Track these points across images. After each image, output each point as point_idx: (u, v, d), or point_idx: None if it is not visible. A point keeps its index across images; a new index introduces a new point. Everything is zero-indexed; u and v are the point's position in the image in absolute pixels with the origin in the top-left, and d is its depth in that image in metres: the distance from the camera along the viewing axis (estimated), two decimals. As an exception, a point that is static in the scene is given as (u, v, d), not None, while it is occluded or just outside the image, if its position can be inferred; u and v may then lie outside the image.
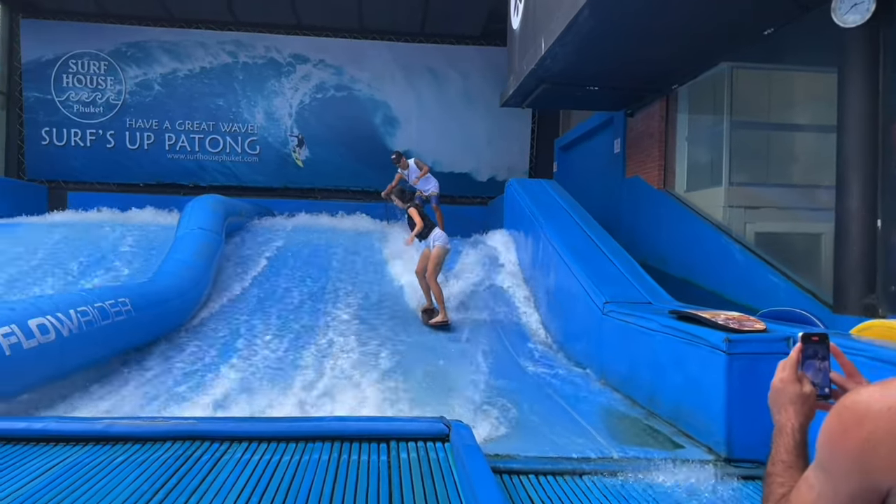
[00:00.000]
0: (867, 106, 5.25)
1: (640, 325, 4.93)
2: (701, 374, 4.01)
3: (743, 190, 7.95)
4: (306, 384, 5.27)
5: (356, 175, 14.88)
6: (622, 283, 6.14)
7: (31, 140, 14.32)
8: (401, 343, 6.68)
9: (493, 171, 15.23)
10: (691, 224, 8.28)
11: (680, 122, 9.07)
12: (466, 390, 5.32)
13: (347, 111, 14.88)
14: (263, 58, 14.74)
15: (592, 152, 12.22)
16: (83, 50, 14.36)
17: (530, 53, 8.36)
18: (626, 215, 10.15)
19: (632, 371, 5.12)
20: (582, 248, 6.98)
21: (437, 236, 7.67)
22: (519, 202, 9.27)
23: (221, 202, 9.49)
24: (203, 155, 14.73)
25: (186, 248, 7.55)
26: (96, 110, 14.46)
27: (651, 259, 8.84)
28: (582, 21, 6.47)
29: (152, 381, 5.31)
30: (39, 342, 4.14)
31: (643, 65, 7.93)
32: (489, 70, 14.67)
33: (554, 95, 9.34)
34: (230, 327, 6.87)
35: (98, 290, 5.40)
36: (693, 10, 6.18)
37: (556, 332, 6.99)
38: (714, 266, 7.66)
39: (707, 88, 8.53)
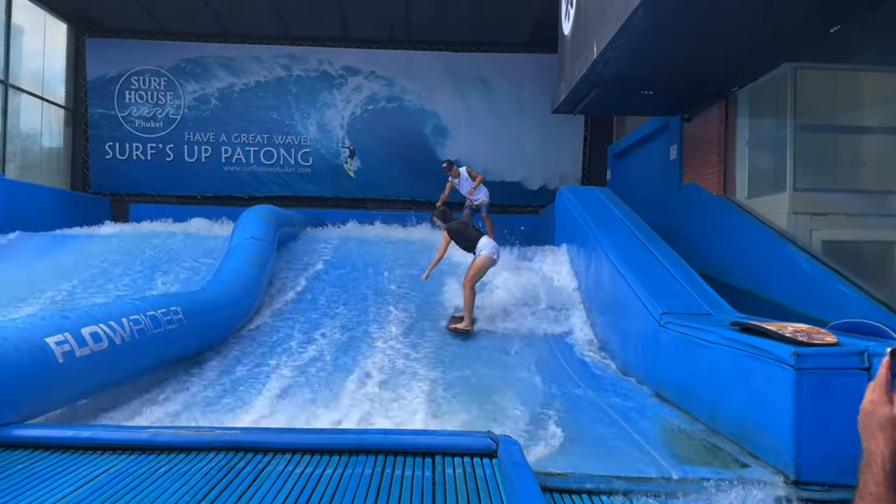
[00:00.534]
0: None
1: (700, 337, 4.69)
2: (767, 389, 3.76)
3: (809, 196, 7.57)
4: (352, 396, 5.20)
5: (407, 185, 14.91)
6: (680, 294, 5.88)
7: (96, 154, 14.85)
8: (448, 355, 6.56)
9: (544, 180, 15.03)
10: (753, 232, 7.93)
11: (740, 127, 8.72)
12: (515, 404, 5.17)
13: (398, 121, 14.95)
14: (316, 71, 14.95)
15: (647, 159, 11.91)
16: (144, 67, 14.84)
17: (582, 58, 8.18)
18: (683, 223, 9.82)
19: (690, 385, 4.88)
20: (637, 258, 6.75)
21: (485, 245, 7.54)
22: (571, 211, 9.07)
23: (273, 212, 9.60)
24: (258, 167, 15.01)
25: (239, 257, 7.63)
26: (156, 125, 14.90)
27: (710, 269, 8.50)
28: (636, 22, 6.27)
29: (200, 389, 5.34)
30: (92, 350, 4.18)
31: (700, 67, 7.66)
32: (540, 77, 14.50)
33: (607, 101, 9.13)
34: (279, 336, 6.89)
35: (151, 299, 5.47)
36: (754, 10, 5.92)
37: (610, 344, 6.76)
38: (778, 276, 7.30)
39: (769, 91, 8.18)
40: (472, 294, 7.34)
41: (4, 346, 3.55)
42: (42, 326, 3.96)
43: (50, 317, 4.19)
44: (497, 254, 7.63)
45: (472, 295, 7.35)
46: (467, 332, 7.17)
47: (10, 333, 3.70)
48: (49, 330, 3.95)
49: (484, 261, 7.46)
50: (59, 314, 4.29)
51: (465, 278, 7.49)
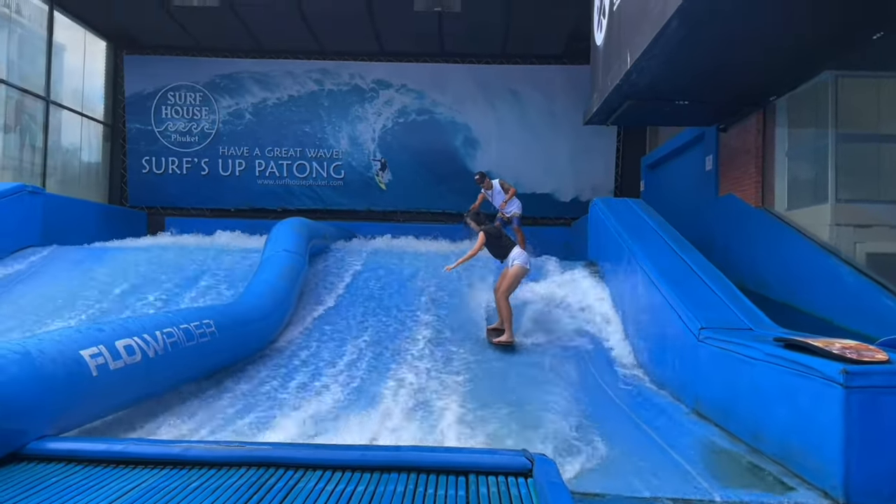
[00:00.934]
0: None
1: (741, 353, 4.54)
2: (814, 408, 3.61)
3: (852, 207, 7.35)
4: (384, 411, 5.15)
5: (437, 197, 14.89)
6: (719, 308, 5.73)
7: (133, 169, 15.14)
8: (481, 370, 6.47)
9: (576, 192, 14.89)
10: (794, 244, 7.71)
11: (779, 137, 8.52)
12: (550, 421, 5.06)
13: (429, 134, 14.97)
14: (348, 84, 15.07)
15: (682, 170, 11.72)
16: (180, 83, 15.12)
17: (615, 69, 8.08)
18: (719, 235, 9.61)
19: (731, 403, 4.72)
20: (674, 270, 6.60)
21: (517, 255, 7.46)
22: (604, 222, 8.93)
23: (305, 225, 9.64)
24: (291, 180, 15.14)
25: (271, 269, 7.65)
26: (192, 139, 15.15)
27: (749, 282, 8.29)
28: (671, 32, 6.17)
29: (228, 403, 5.33)
30: (126, 363, 4.20)
31: (737, 76, 7.51)
32: (571, 89, 14.40)
33: (640, 111, 9.00)
34: (310, 350, 6.87)
35: (184, 312, 5.50)
36: (792, 17, 5.78)
37: (646, 360, 6.60)
38: (821, 289, 7.08)
39: (808, 99, 7.98)
40: (508, 305, 7.28)
41: (41, 358, 3.58)
42: (77, 339, 3.99)
43: (85, 329, 4.22)
44: (529, 263, 7.55)
45: (509, 306, 7.29)
46: (510, 345, 7.10)
47: (47, 346, 3.73)
48: (84, 342, 3.98)
49: (517, 271, 7.37)
50: (94, 327, 4.33)
51: (499, 290, 7.40)
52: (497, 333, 7.32)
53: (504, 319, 7.25)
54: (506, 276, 7.40)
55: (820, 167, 7.72)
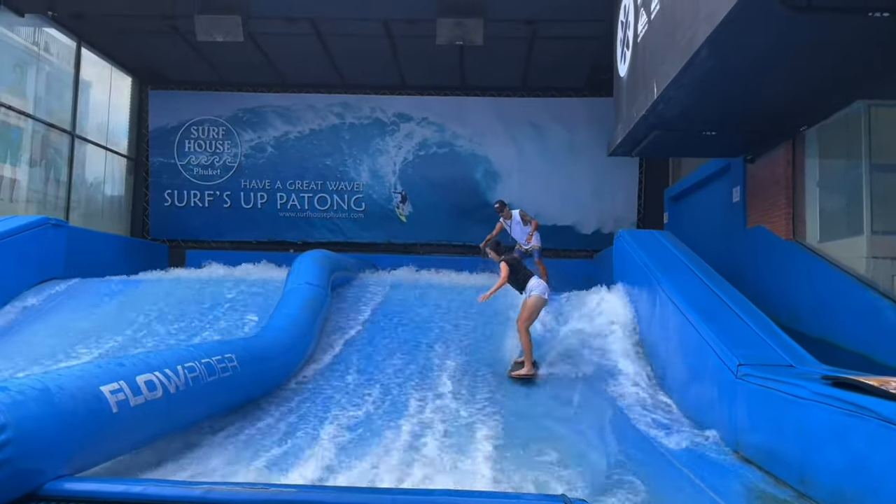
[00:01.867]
0: None
1: (786, 391, 4.33)
2: (870, 452, 3.39)
3: (889, 239, 7.12)
4: (409, 451, 4.95)
5: (457, 230, 14.80)
6: (756, 343, 5.52)
7: (155, 202, 15.24)
8: (508, 410, 6.27)
9: (598, 224, 14.73)
10: (828, 277, 7.48)
11: (809, 167, 8.34)
12: (583, 462, 4.86)
13: (449, 167, 14.95)
14: (369, 118, 15.14)
15: (707, 202, 11.53)
16: (204, 117, 15.28)
17: (640, 99, 7.99)
18: (749, 269, 9.38)
19: (776, 444, 4.49)
20: (706, 304, 6.40)
21: (535, 286, 7.42)
22: (630, 254, 8.75)
23: (327, 257, 9.57)
24: (312, 212, 15.16)
25: (293, 302, 7.56)
26: (214, 172, 15.24)
27: (781, 316, 8.03)
28: (699, 62, 6.07)
29: (247, 442, 5.17)
30: (147, 399, 4.09)
31: (766, 106, 7.37)
32: (593, 121, 14.35)
33: (666, 142, 8.88)
34: (332, 386, 6.71)
35: (205, 345, 5.39)
36: (824, 47, 5.66)
37: (680, 398, 6.37)
38: (858, 324, 6.83)
39: (840, 129, 7.82)
40: (528, 337, 7.19)
41: (60, 395, 3.47)
42: (97, 374, 3.88)
43: (105, 364, 4.12)
44: (547, 294, 7.51)
45: (529, 337, 7.20)
46: (531, 377, 6.99)
47: (67, 382, 3.63)
48: (104, 378, 3.88)
49: (536, 301, 7.34)
50: (115, 361, 4.23)
51: (519, 321, 7.33)
52: (519, 366, 7.19)
53: (524, 351, 7.15)
54: (525, 307, 7.35)
55: (853, 198, 7.52)
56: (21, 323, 8.49)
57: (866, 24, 5.10)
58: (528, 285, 7.45)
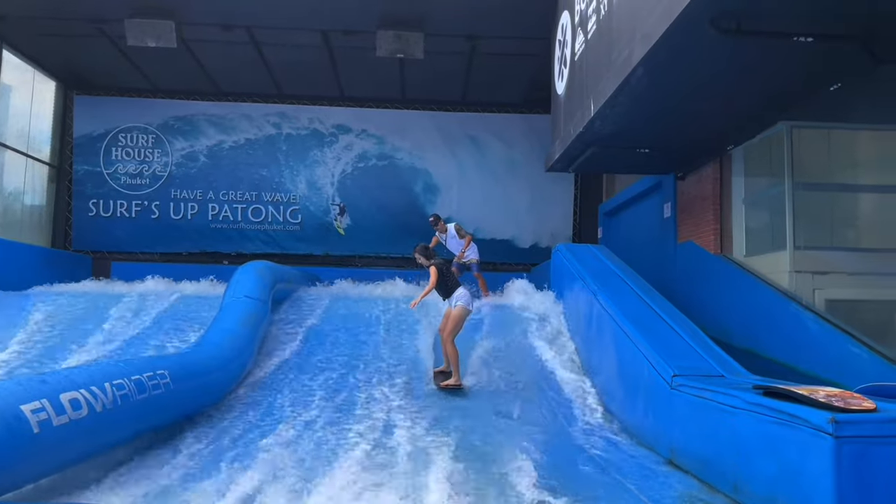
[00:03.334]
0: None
1: (720, 401, 4.45)
2: (801, 460, 3.52)
3: (810, 254, 7.48)
4: (347, 474, 4.83)
5: (397, 242, 14.72)
6: (690, 355, 5.68)
7: (79, 211, 14.57)
8: (446, 418, 6.24)
9: (535, 238, 14.94)
10: (754, 291, 7.79)
11: (735, 185, 8.70)
12: (522, 475, 4.86)
13: (389, 179, 14.90)
14: (307, 129, 14.94)
15: (640, 217, 11.87)
16: (132, 124, 14.74)
17: (578, 116, 8.17)
18: (679, 282, 9.67)
19: (710, 454, 4.62)
20: (641, 317, 6.56)
21: (460, 296, 7.33)
22: (568, 268, 8.91)
23: (270, 269, 9.30)
24: (246, 224, 14.80)
25: (231, 317, 7.31)
26: (143, 182, 14.71)
27: (710, 328, 8.28)
28: (635, 81, 6.26)
29: (178, 463, 4.95)
30: (70, 419, 3.86)
31: (697, 125, 7.65)
32: (531, 136, 14.61)
33: (602, 159, 9.10)
34: (267, 402, 6.51)
35: (136, 361, 5.15)
36: (755, 69, 5.92)
37: (617, 409, 6.48)
38: (784, 336, 7.12)
39: (764, 149, 8.19)
40: (454, 348, 7.14)
41: (-25, 415, 3.24)
42: (18, 393, 3.65)
43: (27, 381, 3.87)
44: (472, 305, 7.44)
45: (455, 349, 7.15)
46: (458, 388, 6.96)
47: (-17, 401, 3.38)
48: (25, 396, 3.64)
49: (461, 312, 7.26)
50: (37, 378, 3.98)
51: (444, 332, 7.26)
52: (444, 376, 7.16)
53: (451, 362, 7.09)
54: (450, 318, 7.27)
55: (777, 215, 7.87)
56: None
57: (791, 49, 5.36)
58: (454, 294, 7.36)
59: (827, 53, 5.43)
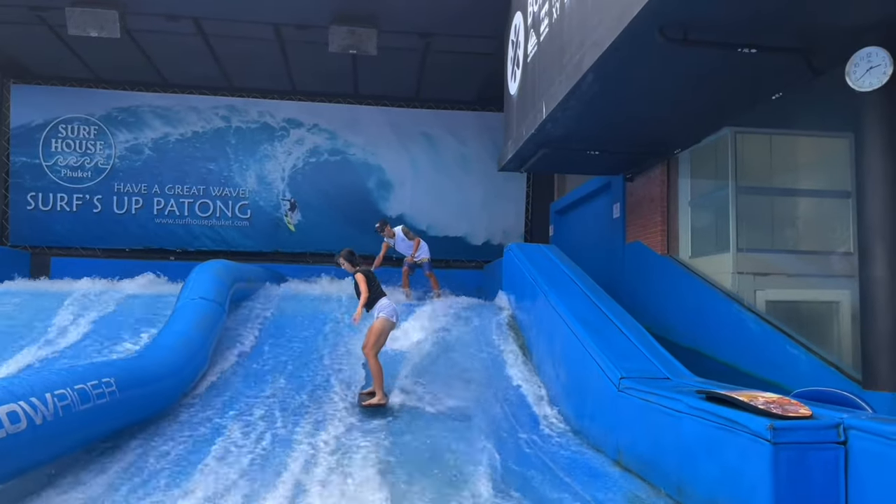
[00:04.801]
0: (889, 169, 5.07)
1: (665, 405, 4.58)
2: (741, 464, 3.65)
3: (752, 256, 7.74)
4: (299, 479, 4.80)
5: (349, 239, 14.40)
6: (637, 357, 5.81)
7: (16, 205, 14.01)
8: (398, 423, 6.24)
9: (488, 235, 15.02)
10: (699, 291, 8.02)
11: (682, 187, 8.92)
12: (469, 476, 4.91)
13: (341, 175, 14.74)
14: (257, 122, 14.65)
15: (590, 216, 12.07)
16: (73, 115, 14.22)
17: (530, 118, 8.24)
18: (627, 281, 9.89)
19: (654, 455, 4.74)
20: (590, 318, 6.68)
21: (383, 307, 6.85)
22: (519, 268, 9.00)
23: (227, 268, 9.02)
24: (192, 219, 14.46)
25: (184, 319, 7.08)
26: (84, 175, 14.22)
27: (656, 327, 8.53)
28: (586, 87, 6.35)
29: (121, 471, 4.83)
30: (8, 433, 3.72)
31: (646, 129, 7.83)
32: (484, 134, 14.66)
33: (553, 160, 9.21)
34: (217, 408, 6.39)
35: (79, 369, 4.97)
36: (701, 77, 6.08)
37: (567, 410, 6.59)
38: (726, 336, 7.35)
39: (709, 153, 8.42)
40: (377, 363, 6.69)
41: None
42: (-50, 407, 3.49)
43: (-39, 395, 3.71)
44: (396, 316, 6.97)
45: (378, 363, 6.69)
46: (382, 406, 6.52)
47: (-88, 418, 3.23)
48: (-41, 411, 3.49)
49: (383, 324, 6.78)
50: (-28, 391, 3.82)
51: (365, 347, 6.79)
52: (370, 395, 6.69)
53: (374, 378, 6.68)
54: (371, 331, 6.78)
55: (721, 217, 8.11)
56: None
57: (736, 59, 5.53)
58: (377, 305, 6.87)
59: (769, 64, 5.62)
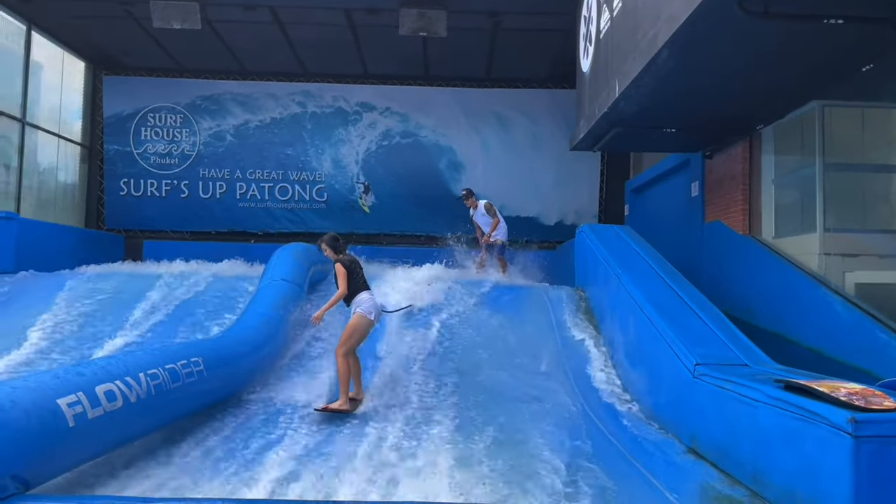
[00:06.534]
0: None
1: (741, 393, 4.44)
2: (820, 457, 3.51)
3: (840, 236, 7.35)
4: (370, 460, 4.95)
5: (421, 220, 14.79)
6: (713, 342, 5.64)
7: (111, 191, 14.86)
8: (472, 402, 6.32)
9: (560, 215, 14.85)
10: (783, 273, 7.69)
11: (765, 164, 8.55)
12: (544, 462, 4.93)
13: (413, 157, 14.89)
14: (331, 107, 14.96)
15: (667, 195, 11.73)
16: (161, 104, 14.91)
17: (602, 96, 8.07)
18: (706, 263, 9.59)
19: (730, 444, 4.62)
20: (665, 302, 6.51)
21: (360, 302, 6.15)
22: (592, 249, 8.86)
23: (305, 251, 9.36)
24: (272, 203, 14.96)
25: (266, 300, 7.40)
26: (172, 161, 14.92)
27: (736, 310, 8.26)
28: (661, 62, 6.15)
29: (208, 452, 5.10)
30: (105, 410, 4.00)
31: (725, 105, 7.51)
32: (557, 112, 14.44)
33: (627, 138, 8.99)
34: (292, 390, 6.62)
35: (171, 349, 5.28)
36: (784, 50, 5.78)
37: (640, 395, 6.49)
38: (811, 320, 7.04)
39: (795, 128, 8.02)
40: (345, 364, 5.97)
41: (14, 411, 3.38)
42: (54, 386, 3.79)
43: (64, 374, 4.01)
44: (375, 313, 6.22)
45: (346, 365, 5.97)
46: (343, 412, 5.81)
47: (21, 396, 3.53)
48: (62, 390, 3.78)
49: (359, 321, 6.07)
50: (74, 370, 4.12)
51: (338, 344, 6.11)
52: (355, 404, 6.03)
53: (340, 379, 5.99)
54: (346, 328, 6.15)
55: (807, 196, 7.73)
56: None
57: (821, 30, 5.22)
58: (355, 299, 6.17)
59: (857, 34, 5.29)
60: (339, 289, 6.09)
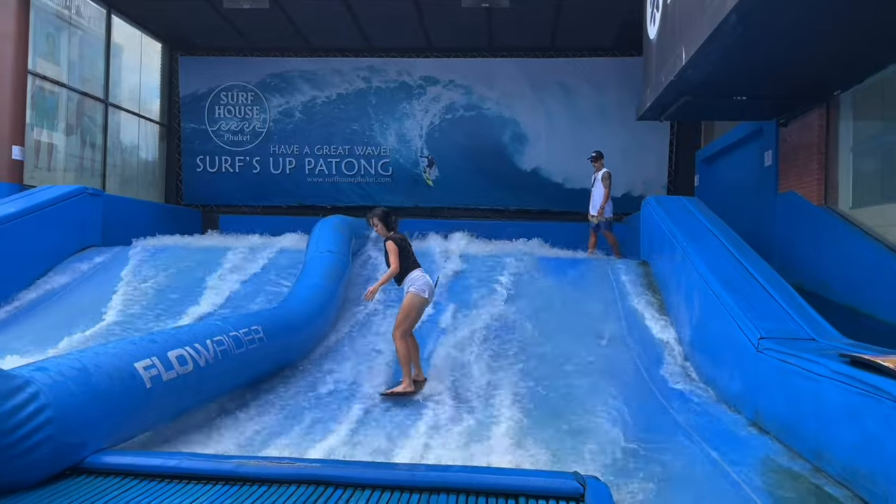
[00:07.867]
0: None
1: (804, 367, 4.34)
2: (884, 433, 3.42)
3: (924, 206, 6.97)
4: (431, 423, 5.10)
5: (485, 193, 14.80)
6: (780, 316, 5.50)
7: (188, 168, 15.50)
8: (527, 369, 6.39)
9: (628, 186, 14.53)
10: (860, 245, 7.37)
11: (843, 132, 8.14)
12: (601, 434, 4.96)
13: (476, 130, 14.86)
14: (395, 81, 15.08)
15: (739, 165, 11.33)
16: (233, 82, 15.39)
17: (669, 64, 7.84)
18: (779, 234, 9.26)
19: (793, 418, 4.53)
20: (731, 276, 6.36)
21: (413, 280, 5.98)
22: (657, 222, 8.70)
23: (347, 223, 9.54)
24: (340, 177, 15.28)
25: (315, 271, 7.59)
26: (244, 138, 15.41)
27: (809, 283, 7.97)
28: (728, 29, 5.93)
29: (274, 413, 5.35)
30: (178, 373, 4.27)
31: (799, 71, 7.19)
32: (623, 81, 14.08)
33: (695, 107, 8.73)
34: (346, 358, 6.82)
35: (233, 318, 5.56)
36: (858, 10, 5.48)
37: (703, 368, 6.40)
38: (890, 294, 6.73)
39: (875, 93, 7.58)
40: (404, 345, 5.85)
41: (98, 374, 3.67)
42: (132, 352, 4.07)
43: (139, 341, 4.31)
44: (430, 291, 6.05)
45: (405, 347, 5.86)
46: (407, 395, 5.70)
47: (103, 360, 3.82)
48: (138, 355, 4.06)
49: (412, 300, 5.92)
50: (148, 338, 4.41)
51: (394, 326, 6.00)
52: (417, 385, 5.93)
53: (401, 362, 5.88)
54: (401, 310, 5.99)
55: (888, 164, 7.34)
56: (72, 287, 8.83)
57: (902, -12, 4.93)
58: (407, 277, 6.00)
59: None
60: (391, 266, 5.94)
